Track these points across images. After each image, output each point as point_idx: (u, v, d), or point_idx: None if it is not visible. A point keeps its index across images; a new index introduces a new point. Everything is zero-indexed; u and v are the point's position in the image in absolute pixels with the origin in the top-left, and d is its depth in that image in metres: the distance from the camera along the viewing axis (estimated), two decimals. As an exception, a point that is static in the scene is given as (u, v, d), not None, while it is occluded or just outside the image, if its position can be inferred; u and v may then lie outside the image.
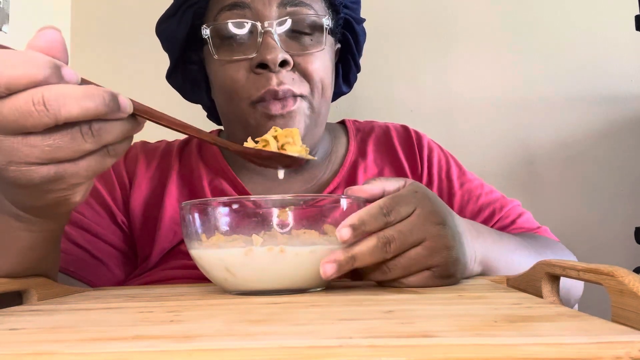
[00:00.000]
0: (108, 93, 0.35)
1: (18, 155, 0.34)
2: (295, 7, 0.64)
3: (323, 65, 0.66)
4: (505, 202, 0.74)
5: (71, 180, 0.36)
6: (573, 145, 1.21)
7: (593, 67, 1.22)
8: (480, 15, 1.27)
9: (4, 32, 1.12)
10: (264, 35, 0.62)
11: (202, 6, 0.67)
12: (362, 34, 0.75)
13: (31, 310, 0.39)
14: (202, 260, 0.45)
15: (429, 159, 0.75)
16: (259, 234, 0.43)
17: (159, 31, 0.71)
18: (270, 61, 0.60)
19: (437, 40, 1.28)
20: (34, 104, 0.32)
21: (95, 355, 0.23)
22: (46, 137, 0.34)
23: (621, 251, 1.16)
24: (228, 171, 0.71)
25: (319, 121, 0.68)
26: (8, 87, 0.32)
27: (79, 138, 0.34)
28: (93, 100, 0.33)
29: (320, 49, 0.65)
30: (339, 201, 0.45)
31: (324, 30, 0.65)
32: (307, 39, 0.65)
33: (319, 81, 0.65)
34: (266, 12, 0.63)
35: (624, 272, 0.30)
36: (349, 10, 0.72)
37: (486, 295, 0.40)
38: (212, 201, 0.45)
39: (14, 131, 0.33)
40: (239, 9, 0.63)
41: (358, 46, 0.75)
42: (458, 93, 1.25)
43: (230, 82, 0.64)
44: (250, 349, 0.24)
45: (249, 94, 0.63)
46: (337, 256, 0.42)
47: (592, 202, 1.18)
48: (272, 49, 0.61)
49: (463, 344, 0.23)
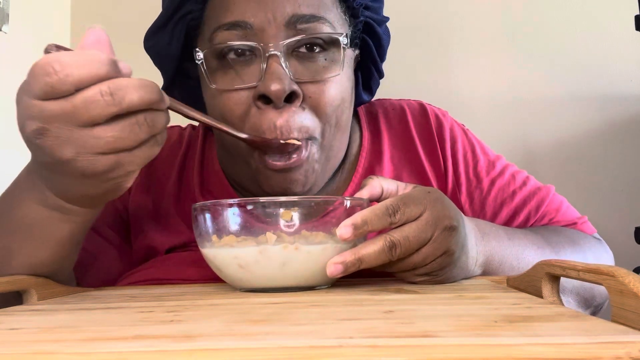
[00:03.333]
0: (155, 84, 0.40)
1: (85, 147, 0.38)
2: (306, 24, 0.54)
3: (339, 91, 0.56)
4: (540, 197, 0.66)
5: (128, 167, 0.41)
6: (573, 145, 1.21)
7: (593, 67, 1.22)
8: (481, 16, 1.27)
9: (4, 32, 1.12)
10: (268, 60, 0.52)
11: (195, 17, 0.58)
12: (385, 36, 0.64)
13: (31, 310, 0.39)
14: (215, 259, 0.46)
15: (453, 153, 0.66)
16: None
17: (148, 46, 0.61)
18: (273, 94, 0.51)
19: (437, 40, 1.28)
20: (102, 95, 0.37)
21: (95, 355, 0.23)
22: (109, 128, 0.38)
23: (621, 251, 1.16)
24: (232, 194, 0.64)
25: (332, 154, 0.60)
26: (79, 85, 0.37)
27: (136, 129, 0.39)
28: (148, 90, 0.39)
29: (337, 73, 0.56)
30: (344, 203, 0.46)
31: (341, 48, 0.55)
32: (321, 61, 0.55)
33: (333, 113, 0.56)
34: (272, 32, 0.53)
35: (624, 272, 0.30)
36: (370, 12, 0.61)
37: (486, 295, 0.40)
38: (224, 203, 0.46)
39: (84, 122, 0.37)
40: (239, 29, 0.54)
41: (380, 50, 0.64)
42: (458, 93, 1.25)
43: (229, 115, 0.55)
44: (250, 349, 0.24)
45: (249, 132, 0.54)
46: (345, 257, 0.42)
47: (592, 201, 1.18)
48: (278, 78, 0.51)
49: (463, 344, 0.23)
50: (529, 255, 0.55)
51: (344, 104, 0.57)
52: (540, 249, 0.57)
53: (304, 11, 0.54)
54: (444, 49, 1.27)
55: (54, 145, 0.38)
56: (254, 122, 0.54)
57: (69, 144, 0.38)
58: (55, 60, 0.36)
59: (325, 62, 0.56)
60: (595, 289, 0.58)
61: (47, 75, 0.36)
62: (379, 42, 0.63)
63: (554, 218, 0.67)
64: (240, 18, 0.54)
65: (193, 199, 0.64)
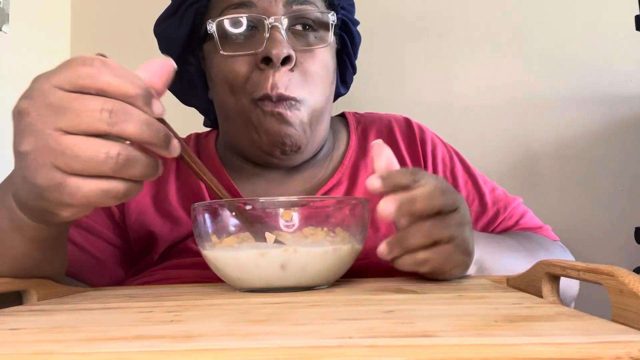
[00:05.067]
0: (165, 129, 0.37)
1: (44, 146, 0.35)
2: (300, 5, 0.65)
3: (325, 63, 0.66)
4: (509, 200, 0.74)
5: (67, 196, 0.36)
6: (573, 144, 1.21)
7: (593, 67, 1.22)
8: (480, 15, 1.27)
9: (4, 32, 1.12)
10: (271, 30, 0.62)
11: (203, 5, 0.67)
12: (357, 35, 0.75)
13: (31, 310, 0.39)
14: (215, 260, 0.46)
15: (433, 155, 0.74)
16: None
17: (159, 31, 0.71)
18: (274, 55, 0.60)
19: (437, 40, 1.28)
20: (101, 110, 0.34)
21: (95, 355, 0.23)
22: (78, 140, 0.35)
23: (621, 251, 1.16)
24: (223, 173, 0.70)
25: (322, 118, 0.68)
26: (102, 90, 0.35)
27: (102, 157, 0.35)
28: (153, 129, 0.36)
29: (326, 44, 0.66)
30: (344, 202, 0.47)
31: (329, 26, 0.66)
32: (312, 36, 0.66)
33: (319, 82, 0.65)
34: (272, 9, 0.63)
35: (624, 272, 0.30)
36: (346, 12, 0.72)
37: (486, 295, 0.40)
38: (224, 203, 0.46)
39: (65, 123, 0.35)
40: (244, 7, 0.64)
41: (354, 47, 0.75)
42: (458, 93, 1.25)
43: (233, 76, 0.64)
44: (250, 349, 0.24)
45: (250, 90, 0.63)
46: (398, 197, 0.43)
47: (592, 202, 1.18)
48: (279, 43, 0.61)
49: (463, 344, 0.23)
50: (510, 257, 0.60)
51: (328, 77, 0.67)
52: (518, 251, 0.62)
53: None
54: (444, 49, 1.27)
55: (25, 131, 0.36)
56: (254, 81, 0.63)
57: (33, 136, 0.35)
58: (100, 60, 0.36)
59: (314, 40, 0.66)
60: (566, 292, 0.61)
61: (84, 65, 0.35)
62: (353, 40, 0.74)
63: (521, 219, 0.73)
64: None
65: (189, 184, 0.70)
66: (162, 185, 0.70)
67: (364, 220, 0.48)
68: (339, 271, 0.48)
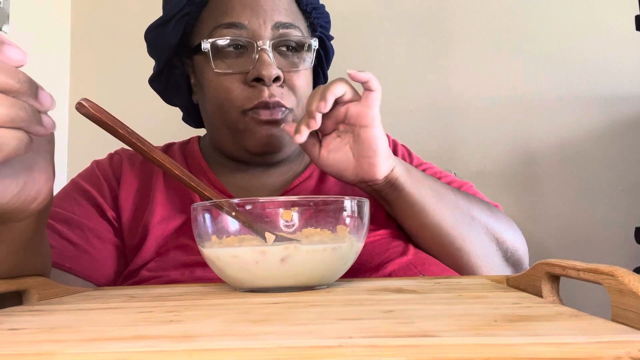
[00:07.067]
0: (30, 80, 0.34)
1: None
2: (286, 29, 0.71)
3: (307, 81, 0.74)
4: (462, 183, 0.80)
5: None
6: (573, 145, 1.21)
7: (593, 67, 1.22)
8: (480, 15, 1.27)
9: (4, 32, 1.12)
10: (260, 52, 0.69)
11: (194, 16, 0.73)
12: (331, 50, 0.84)
13: (31, 310, 0.39)
14: (215, 259, 0.46)
15: (394, 152, 0.79)
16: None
17: (150, 37, 0.76)
18: (265, 76, 0.67)
19: (437, 40, 1.28)
20: None
21: (95, 355, 0.23)
22: None
23: (621, 251, 1.16)
24: (207, 171, 0.75)
25: None
26: None
27: None
28: (10, 75, 0.34)
29: (308, 67, 0.74)
30: (344, 202, 0.47)
31: (311, 49, 0.74)
32: (295, 58, 0.73)
33: (303, 95, 0.72)
34: (261, 32, 0.69)
35: (624, 272, 0.30)
36: (323, 29, 0.80)
37: (486, 295, 0.40)
38: (223, 203, 0.46)
39: None
40: (236, 28, 0.70)
41: (328, 60, 0.84)
42: (458, 93, 1.25)
43: (225, 92, 0.70)
44: (250, 349, 0.24)
45: (241, 103, 0.69)
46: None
47: (592, 202, 1.18)
48: (268, 66, 0.68)
49: (463, 344, 0.23)
50: (444, 187, 0.68)
51: (309, 90, 0.75)
52: (453, 191, 0.69)
53: (285, 20, 0.71)
54: (444, 49, 1.27)
55: None
56: (246, 95, 0.69)
57: None
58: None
59: (297, 60, 0.73)
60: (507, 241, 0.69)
61: None
62: (327, 54, 0.83)
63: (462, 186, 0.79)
64: (237, 20, 0.70)
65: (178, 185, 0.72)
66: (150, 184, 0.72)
67: (363, 220, 0.48)
68: (339, 269, 0.48)
